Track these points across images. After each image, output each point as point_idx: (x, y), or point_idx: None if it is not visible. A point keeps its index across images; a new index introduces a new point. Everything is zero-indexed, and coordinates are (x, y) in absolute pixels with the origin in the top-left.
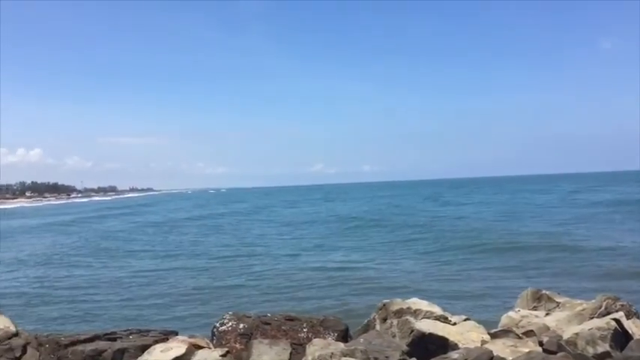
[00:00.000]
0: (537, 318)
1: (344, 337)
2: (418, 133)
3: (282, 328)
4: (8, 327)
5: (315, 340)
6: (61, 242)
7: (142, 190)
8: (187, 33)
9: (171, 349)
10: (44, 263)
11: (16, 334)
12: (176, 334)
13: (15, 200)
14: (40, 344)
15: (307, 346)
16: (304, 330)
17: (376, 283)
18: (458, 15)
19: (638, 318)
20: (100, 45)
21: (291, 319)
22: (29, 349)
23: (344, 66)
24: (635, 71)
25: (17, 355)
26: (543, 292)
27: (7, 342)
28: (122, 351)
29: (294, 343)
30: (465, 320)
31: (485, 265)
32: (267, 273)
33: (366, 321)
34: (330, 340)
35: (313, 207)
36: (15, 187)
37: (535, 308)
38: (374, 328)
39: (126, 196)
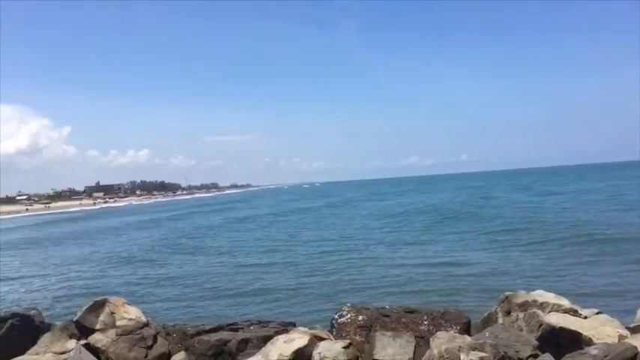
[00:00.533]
0: None
1: (466, 330)
2: (517, 121)
3: (402, 320)
4: (139, 317)
5: (440, 333)
6: (165, 236)
7: (242, 186)
8: (280, 32)
9: (294, 340)
10: (147, 259)
11: (146, 324)
12: (294, 325)
13: (126, 199)
14: (168, 334)
15: (431, 339)
16: (425, 322)
17: (481, 277)
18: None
19: None
20: (197, 51)
21: (410, 312)
22: (159, 339)
23: (438, 56)
24: None
25: (149, 344)
26: None
27: (139, 331)
28: (246, 341)
29: (416, 336)
30: (597, 314)
31: (599, 258)
32: (367, 267)
33: (486, 314)
34: (452, 332)
35: (406, 199)
36: (126, 187)
37: None
38: (495, 321)
39: (225, 192)
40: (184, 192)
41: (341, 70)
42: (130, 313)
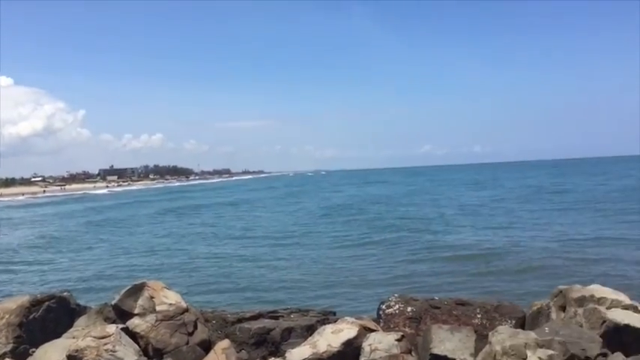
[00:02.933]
0: None
1: (522, 325)
2: (531, 113)
3: (454, 312)
4: (179, 302)
5: (501, 328)
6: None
7: (254, 172)
8: (293, 16)
9: (342, 330)
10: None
11: (186, 310)
12: (334, 314)
13: (139, 182)
14: (207, 320)
15: (490, 333)
16: (478, 316)
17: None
18: None
19: None
20: (210, 36)
21: (462, 304)
22: (199, 325)
23: (454, 46)
24: None
25: (190, 330)
26: None
27: (180, 317)
28: (289, 330)
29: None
30: None
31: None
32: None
33: (536, 308)
34: (508, 327)
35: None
36: (140, 171)
37: None
38: (548, 316)
39: (235, 178)
40: (197, 177)
41: (355, 55)
42: (169, 298)
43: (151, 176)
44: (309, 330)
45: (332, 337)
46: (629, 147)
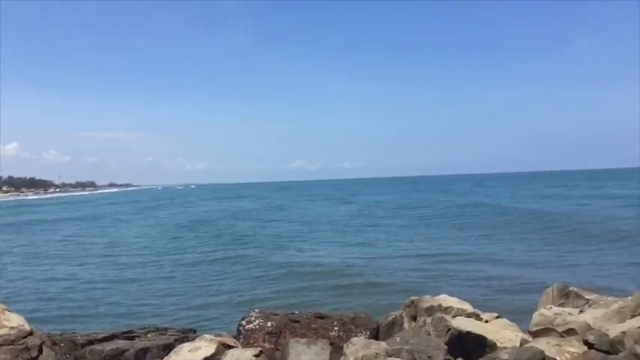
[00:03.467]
0: (572, 316)
1: (376, 335)
2: (402, 131)
3: (312, 326)
4: (22, 325)
5: (355, 339)
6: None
7: (122, 185)
8: (168, 30)
9: (200, 348)
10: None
11: (30, 333)
12: (194, 332)
13: None
14: (55, 343)
15: (345, 345)
16: (335, 328)
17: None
18: (444, 13)
19: None
20: (81, 39)
21: (321, 317)
22: (45, 349)
23: (329, 62)
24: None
25: (34, 355)
26: (571, 288)
27: (22, 341)
28: (145, 350)
29: (330, 343)
30: (497, 318)
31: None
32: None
33: (390, 318)
34: (362, 338)
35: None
36: None
37: (562, 305)
38: (401, 326)
39: (100, 191)
40: (58, 190)
41: (233, 69)
42: (11, 321)
43: (4, 188)
44: (167, 349)
45: (189, 355)
46: (488, 166)
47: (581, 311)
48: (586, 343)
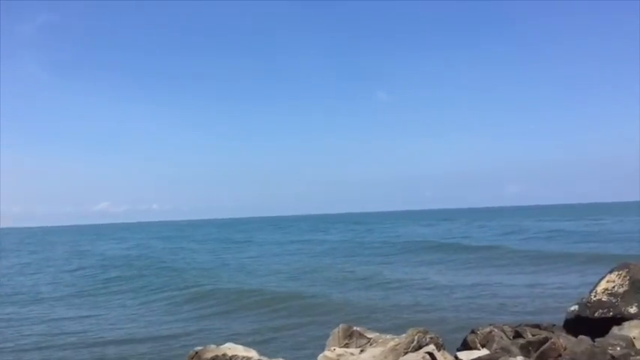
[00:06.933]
0: (353, 356)
1: None
2: (212, 171)
3: None
4: None
5: None
6: None
7: None
8: None
9: None
10: None
11: None
12: None
13: None
14: None
15: None
16: None
17: None
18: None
19: (444, 349)
20: None
21: None
22: None
23: (130, 101)
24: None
25: None
26: (355, 328)
27: None
28: None
29: None
30: None
31: None
32: None
33: None
34: None
35: None
36: None
37: (347, 345)
38: None
39: None
40: None
41: (31, 108)
42: None
43: None
44: None
45: None
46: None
47: (362, 350)
48: None
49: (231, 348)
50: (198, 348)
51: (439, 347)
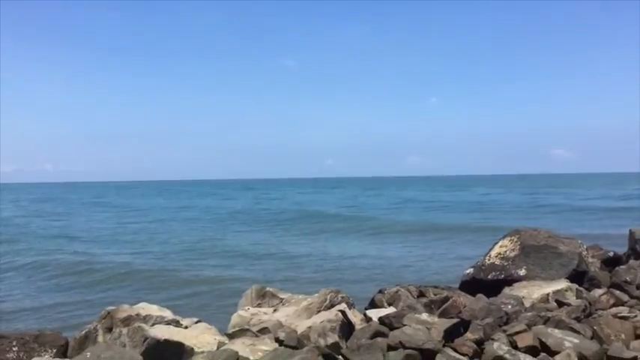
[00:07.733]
0: (267, 315)
1: (64, 352)
2: (108, 133)
3: None
4: None
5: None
6: None
7: None
8: None
9: None
10: None
11: None
12: None
13: None
14: None
15: None
16: (14, 349)
17: None
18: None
19: (355, 308)
20: None
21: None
22: None
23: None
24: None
25: None
26: (267, 289)
27: None
28: None
29: None
30: (197, 323)
31: None
32: None
33: (83, 332)
34: (47, 357)
35: None
36: None
37: (260, 305)
38: (95, 339)
39: None
40: None
41: None
42: None
43: None
44: None
45: None
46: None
47: (275, 310)
48: (277, 340)
49: (144, 308)
50: (111, 308)
51: (350, 306)
